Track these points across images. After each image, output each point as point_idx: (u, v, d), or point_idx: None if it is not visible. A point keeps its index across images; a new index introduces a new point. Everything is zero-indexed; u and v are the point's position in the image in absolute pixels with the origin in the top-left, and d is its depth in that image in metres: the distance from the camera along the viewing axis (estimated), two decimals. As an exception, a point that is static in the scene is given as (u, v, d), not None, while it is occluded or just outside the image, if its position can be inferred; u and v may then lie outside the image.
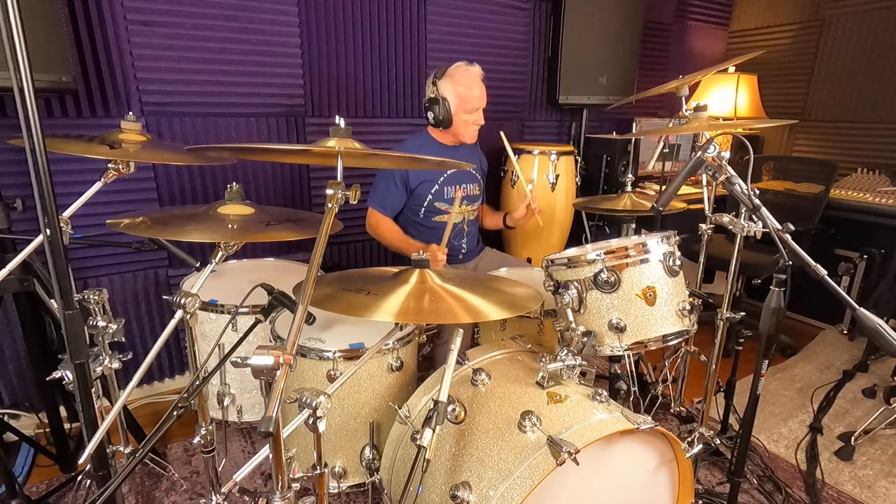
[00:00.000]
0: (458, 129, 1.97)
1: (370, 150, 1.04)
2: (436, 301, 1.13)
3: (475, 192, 2.12)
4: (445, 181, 2.00)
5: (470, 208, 2.11)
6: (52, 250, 0.85)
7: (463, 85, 1.91)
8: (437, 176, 1.99)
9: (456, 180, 2.03)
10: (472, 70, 1.94)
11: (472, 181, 2.10)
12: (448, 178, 2.01)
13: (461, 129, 1.97)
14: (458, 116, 1.94)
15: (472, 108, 1.94)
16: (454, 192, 2.03)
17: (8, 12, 0.73)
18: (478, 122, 1.98)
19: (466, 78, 1.92)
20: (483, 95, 1.96)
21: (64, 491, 1.66)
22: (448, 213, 2.02)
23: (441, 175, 1.99)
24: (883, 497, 1.76)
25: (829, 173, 2.67)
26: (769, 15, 3.48)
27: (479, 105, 1.95)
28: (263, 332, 1.49)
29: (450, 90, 1.92)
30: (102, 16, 1.83)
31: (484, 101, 1.97)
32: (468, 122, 1.95)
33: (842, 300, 1.09)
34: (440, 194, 2.00)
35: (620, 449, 1.12)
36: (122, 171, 1.27)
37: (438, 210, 2.02)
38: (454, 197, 2.02)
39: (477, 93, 1.93)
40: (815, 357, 2.73)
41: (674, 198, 1.36)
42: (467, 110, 1.93)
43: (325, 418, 0.79)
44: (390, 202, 1.99)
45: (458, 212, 2.05)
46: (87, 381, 0.97)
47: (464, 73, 1.93)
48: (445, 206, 2.02)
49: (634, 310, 1.31)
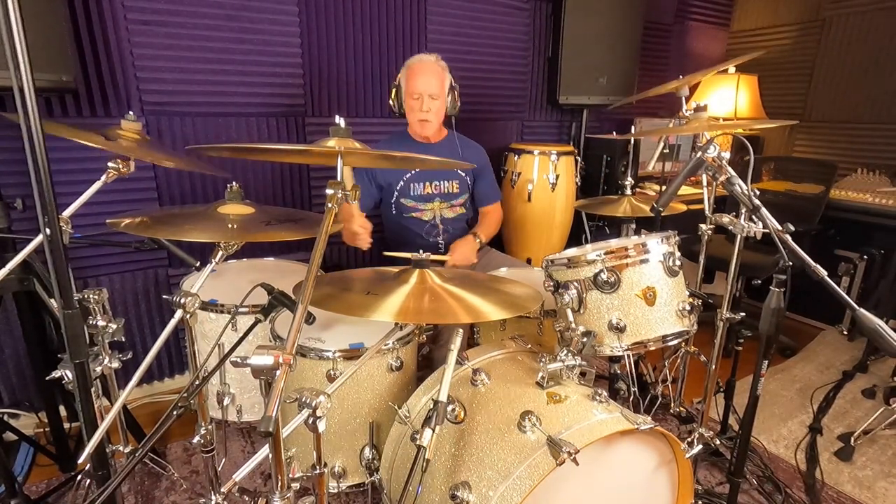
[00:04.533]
0: (408, 116, 1.98)
1: (370, 150, 1.04)
2: (436, 301, 1.13)
3: (454, 190, 2.10)
4: (413, 178, 2.03)
5: (444, 205, 2.10)
6: (52, 250, 0.85)
7: (411, 70, 1.93)
8: (402, 173, 2.02)
9: (426, 177, 2.04)
10: (424, 57, 1.96)
11: (450, 178, 2.09)
12: (415, 175, 2.03)
13: (409, 116, 1.98)
14: (406, 102, 1.96)
15: (414, 93, 1.91)
16: (423, 188, 2.05)
17: (8, 12, 0.73)
18: (425, 109, 1.91)
19: (414, 63, 1.94)
20: (431, 83, 1.90)
21: (63, 490, 1.65)
22: (418, 210, 2.06)
23: (406, 172, 2.02)
24: (882, 497, 1.75)
25: (829, 174, 2.67)
26: (769, 15, 3.48)
27: (421, 90, 1.90)
28: (263, 331, 1.49)
29: (403, 76, 1.96)
30: (103, 15, 1.84)
31: (432, 89, 1.90)
32: (413, 107, 1.93)
33: (842, 301, 1.09)
34: (406, 190, 2.03)
35: (620, 449, 1.12)
36: (122, 170, 1.27)
37: (407, 206, 2.06)
38: (424, 194, 2.05)
39: (422, 78, 1.90)
40: (814, 357, 2.73)
41: (674, 198, 1.36)
42: (411, 95, 1.92)
43: (324, 418, 0.79)
44: (364, 197, 2.00)
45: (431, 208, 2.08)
46: (86, 380, 0.97)
47: (414, 60, 1.96)
48: (412, 203, 2.06)
49: (634, 310, 1.31)
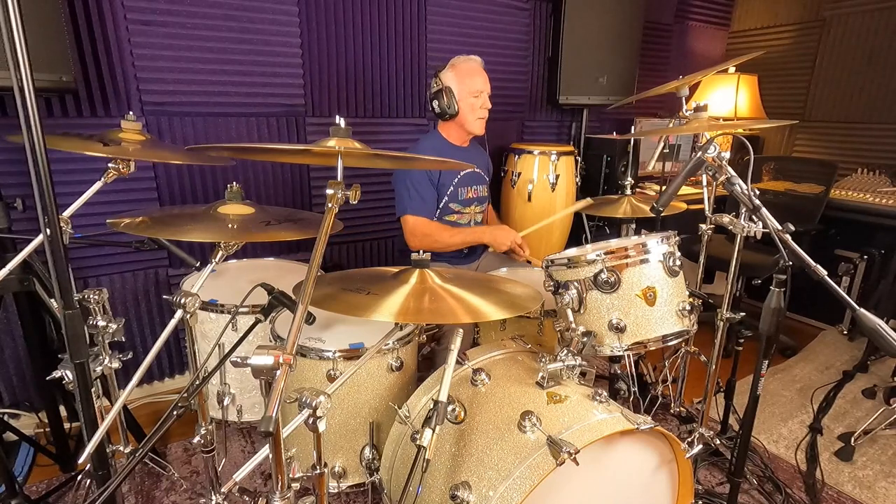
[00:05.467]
0: (465, 116, 1.97)
1: (370, 150, 1.04)
2: (436, 301, 1.13)
3: (483, 194, 2.14)
4: (460, 182, 2.02)
5: (478, 208, 2.12)
6: (52, 250, 0.85)
7: (464, 70, 1.95)
8: (453, 177, 2.00)
9: (468, 182, 2.05)
10: (471, 58, 1.99)
11: (481, 183, 2.12)
12: (462, 180, 2.03)
13: (468, 115, 1.97)
14: (464, 102, 1.95)
15: (476, 91, 1.95)
16: (466, 192, 2.05)
17: (8, 12, 0.73)
18: (485, 106, 1.98)
19: (467, 64, 1.97)
20: (487, 82, 1.99)
21: (64, 490, 1.66)
22: (459, 213, 2.05)
23: (456, 176, 2.01)
24: (883, 497, 1.75)
25: (830, 174, 2.67)
26: (769, 15, 3.48)
27: (482, 88, 1.96)
28: (263, 331, 1.49)
29: (451, 78, 1.95)
30: (103, 15, 1.84)
31: (488, 87, 1.99)
32: (474, 105, 1.96)
33: (842, 300, 1.09)
34: (455, 195, 2.02)
35: (620, 449, 1.12)
36: (123, 170, 1.27)
37: (452, 210, 2.04)
38: (466, 198, 2.05)
39: (480, 77, 1.96)
40: (815, 357, 2.73)
41: (674, 198, 1.36)
42: (472, 93, 1.94)
43: (324, 418, 0.78)
44: (430, 204, 1.97)
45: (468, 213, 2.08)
46: (87, 380, 0.97)
47: (464, 61, 1.98)
48: (458, 207, 2.04)
49: (634, 310, 1.31)
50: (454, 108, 1.95)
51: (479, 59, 2.01)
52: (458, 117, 1.98)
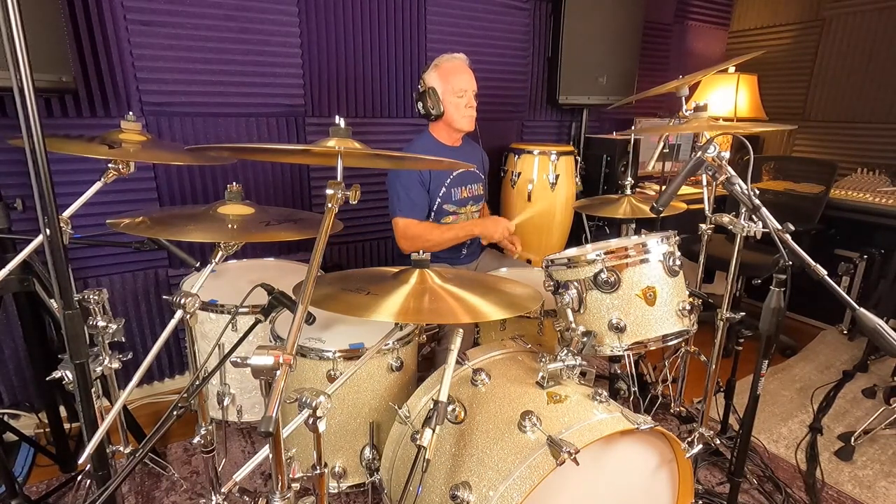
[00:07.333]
0: (451, 116, 1.95)
1: (370, 150, 1.04)
2: (436, 301, 1.13)
3: (479, 192, 2.12)
4: (452, 182, 2.00)
5: (474, 208, 2.11)
6: (52, 250, 0.85)
7: (447, 69, 1.93)
8: (445, 178, 1.98)
9: (462, 181, 2.03)
10: (455, 56, 1.96)
11: (476, 181, 2.10)
12: (455, 180, 2.01)
13: (454, 114, 1.95)
14: (448, 101, 1.93)
15: (460, 90, 1.92)
16: (460, 192, 2.03)
17: (8, 12, 0.73)
18: (470, 105, 1.95)
19: (451, 63, 1.94)
20: (471, 79, 1.95)
21: (64, 491, 1.66)
22: (455, 214, 2.03)
23: (448, 177, 1.99)
24: (883, 497, 1.76)
25: (829, 173, 2.67)
26: (769, 15, 3.48)
27: (466, 87, 1.93)
28: (263, 332, 1.49)
29: (435, 78, 1.93)
30: (102, 16, 1.83)
31: (473, 85, 1.95)
32: (459, 105, 1.93)
33: (842, 300, 1.09)
34: (448, 196, 2.00)
35: (620, 449, 1.12)
36: (122, 170, 1.27)
37: (447, 212, 2.02)
38: (461, 198, 2.03)
39: (463, 76, 1.93)
40: (815, 357, 2.73)
41: (674, 198, 1.36)
42: (456, 93, 1.92)
43: (324, 418, 0.79)
44: (420, 206, 1.95)
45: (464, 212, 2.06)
46: (87, 380, 0.97)
47: (447, 60, 1.95)
48: (453, 208, 2.02)
49: (634, 310, 1.31)
50: (439, 108, 1.93)
51: (464, 56, 1.98)
52: (444, 117, 1.96)
